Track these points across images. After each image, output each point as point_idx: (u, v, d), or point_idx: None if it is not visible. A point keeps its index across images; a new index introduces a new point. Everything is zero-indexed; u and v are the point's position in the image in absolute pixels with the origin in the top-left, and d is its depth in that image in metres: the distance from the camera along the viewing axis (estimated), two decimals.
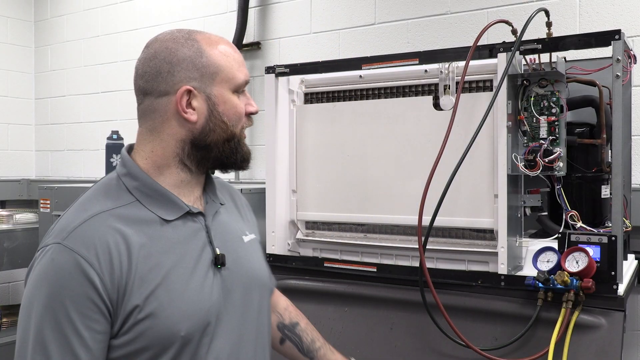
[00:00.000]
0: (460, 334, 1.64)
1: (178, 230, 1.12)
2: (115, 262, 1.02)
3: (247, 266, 1.22)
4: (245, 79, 1.16)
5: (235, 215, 1.31)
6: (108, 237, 1.03)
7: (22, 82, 4.41)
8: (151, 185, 1.12)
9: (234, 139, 1.15)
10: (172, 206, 1.13)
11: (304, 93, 2.18)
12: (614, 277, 1.58)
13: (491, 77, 1.84)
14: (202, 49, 1.12)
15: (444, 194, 1.66)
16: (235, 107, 1.15)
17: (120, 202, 1.10)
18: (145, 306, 1.03)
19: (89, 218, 1.05)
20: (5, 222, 3.45)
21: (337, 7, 3.05)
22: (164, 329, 1.03)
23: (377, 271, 1.95)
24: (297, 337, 1.44)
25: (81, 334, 0.98)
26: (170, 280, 1.06)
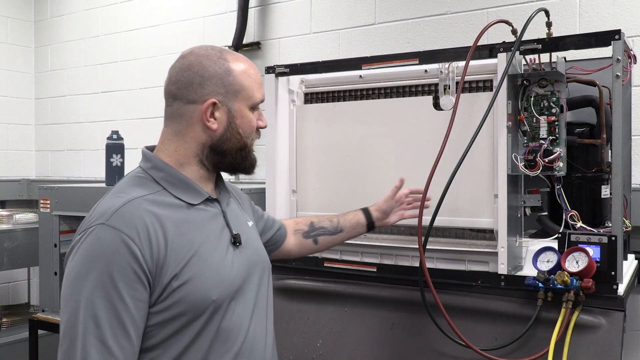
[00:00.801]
0: (460, 334, 1.64)
1: (201, 213, 1.29)
2: (152, 239, 1.17)
3: (254, 246, 1.42)
4: (262, 98, 1.36)
5: (239, 205, 1.50)
6: (145, 217, 1.18)
7: (22, 82, 4.41)
8: (176, 175, 1.29)
9: (245, 149, 1.35)
10: (195, 193, 1.30)
11: (304, 93, 2.18)
12: (614, 277, 1.58)
13: (491, 77, 1.84)
14: (230, 69, 1.30)
15: (444, 194, 1.66)
16: (250, 121, 1.34)
17: (150, 190, 1.25)
18: (181, 275, 1.18)
19: (127, 202, 1.20)
20: (5, 222, 3.45)
21: (337, 7, 3.06)
22: (198, 294, 1.20)
23: (377, 271, 1.95)
24: (321, 228, 1.77)
25: (126, 301, 1.13)
26: (201, 254, 1.23)
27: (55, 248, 2.94)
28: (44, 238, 2.97)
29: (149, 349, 1.18)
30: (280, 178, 2.15)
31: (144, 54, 3.78)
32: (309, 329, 1.96)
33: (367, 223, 1.79)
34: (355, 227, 1.79)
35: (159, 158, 1.30)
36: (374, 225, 1.80)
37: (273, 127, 2.13)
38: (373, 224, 1.80)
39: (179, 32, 3.60)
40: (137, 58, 3.82)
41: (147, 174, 1.29)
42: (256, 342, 1.34)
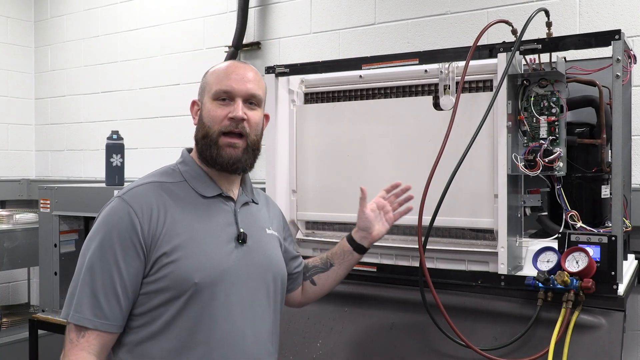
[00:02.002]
0: (460, 334, 1.64)
1: (211, 206, 1.43)
2: (153, 218, 1.34)
3: (266, 251, 1.48)
4: (220, 88, 1.43)
5: (264, 214, 1.58)
6: (152, 199, 1.37)
7: (22, 82, 4.41)
8: (197, 170, 1.46)
9: (209, 137, 1.42)
10: (209, 186, 1.45)
11: (304, 93, 2.18)
12: (614, 277, 1.58)
13: (491, 77, 1.84)
14: (207, 73, 1.49)
15: (444, 194, 1.66)
16: (209, 111, 1.43)
17: (172, 180, 1.44)
18: (171, 253, 1.32)
19: (144, 184, 1.41)
20: (5, 222, 3.45)
21: (337, 7, 3.06)
22: (182, 273, 1.32)
23: (377, 271, 1.95)
24: (314, 267, 1.73)
25: (119, 265, 1.31)
26: (196, 239, 1.36)
27: (55, 248, 2.94)
28: (44, 238, 2.98)
29: (137, 316, 1.34)
30: (280, 178, 2.15)
31: (144, 54, 3.78)
32: (309, 329, 1.96)
33: (354, 247, 1.69)
34: (343, 256, 1.70)
35: (190, 155, 1.49)
36: (361, 246, 1.69)
37: (273, 127, 2.13)
38: (361, 246, 1.69)
39: (179, 32, 3.60)
40: (137, 58, 3.82)
41: (176, 167, 1.48)
42: (241, 342, 1.38)
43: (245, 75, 1.46)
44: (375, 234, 1.68)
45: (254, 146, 1.47)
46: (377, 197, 1.72)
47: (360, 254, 1.70)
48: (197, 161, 1.48)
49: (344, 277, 1.73)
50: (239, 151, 1.43)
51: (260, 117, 1.49)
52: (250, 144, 1.45)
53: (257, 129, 1.47)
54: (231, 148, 1.42)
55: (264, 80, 1.54)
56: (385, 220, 1.70)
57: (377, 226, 1.69)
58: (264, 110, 1.53)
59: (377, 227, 1.68)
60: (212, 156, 1.42)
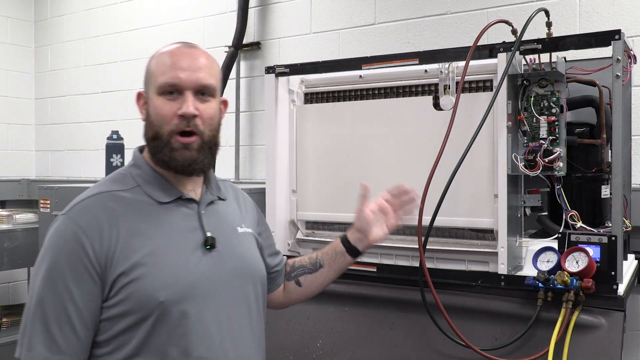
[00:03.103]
0: (460, 334, 1.63)
1: (171, 212, 1.27)
2: (104, 234, 1.18)
3: (239, 254, 1.34)
4: (166, 81, 1.25)
5: (234, 210, 1.43)
6: (101, 213, 1.21)
7: (22, 82, 4.41)
8: (150, 173, 1.30)
9: (159, 139, 1.26)
10: (165, 191, 1.29)
11: (304, 93, 2.18)
12: (614, 277, 1.58)
13: (491, 77, 1.84)
14: (151, 58, 1.31)
15: (444, 194, 1.66)
16: (156, 108, 1.26)
17: (124, 187, 1.28)
18: (130, 272, 1.17)
19: (91, 196, 1.25)
20: (5, 222, 3.45)
21: (337, 7, 3.05)
22: (144, 293, 1.17)
23: (377, 271, 1.95)
24: (301, 267, 1.57)
25: (72, 292, 1.16)
26: (156, 253, 1.20)
27: None
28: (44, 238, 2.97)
29: (102, 344, 1.20)
30: (280, 178, 2.15)
31: (144, 54, 3.78)
32: (309, 329, 1.96)
33: (347, 249, 1.53)
34: (335, 258, 1.54)
35: (142, 156, 1.33)
36: (356, 249, 1.53)
37: (273, 127, 2.13)
38: (355, 248, 1.53)
39: (179, 32, 3.60)
40: (137, 58, 3.82)
41: (128, 171, 1.32)
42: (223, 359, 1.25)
43: (193, 63, 1.27)
44: (372, 237, 1.52)
45: (211, 143, 1.29)
46: (379, 198, 1.54)
47: (353, 257, 1.54)
48: (150, 162, 1.31)
49: (333, 281, 1.58)
50: (194, 152, 1.26)
51: (215, 109, 1.31)
52: (206, 142, 1.28)
53: (212, 124, 1.29)
54: (185, 150, 1.25)
55: (216, 64, 1.35)
56: (385, 224, 1.53)
57: (376, 229, 1.52)
58: (220, 97, 1.36)
59: (375, 231, 1.51)
60: (164, 160, 1.27)
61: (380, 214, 1.52)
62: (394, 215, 1.53)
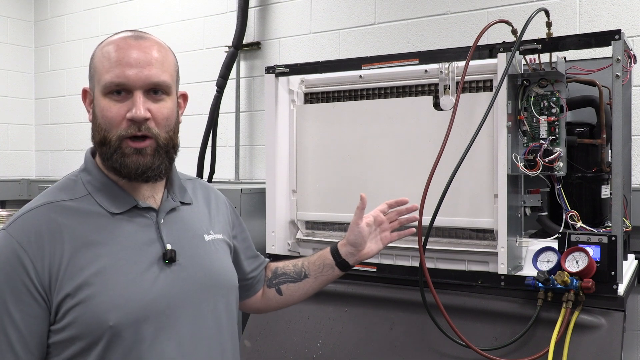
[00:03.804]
0: (460, 334, 1.63)
1: (124, 224, 1.13)
2: (46, 251, 1.06)
3: (205, 265, 1.21)
4: (111, 80, 1.10)
5: (202, 215, 1.29)
6: (43, 227, 1.08)
7: (22, 82, 4.41)
8: (102, 179, 1.16)
9: (107, 145, 1.12)
10: (120, 199, 1.15)
11: (304, 93, 2.18)
12: (614, 277, 1.58)
13: (491, 77, 1.84)
14: (95, 49, 1.16)
15: (444, 194, 1.66)
16: (102, 110, 1.11)
17: (72, 196, 1.14)
18: (76, 294, 1.05)
19: (34, 208, 1.11)
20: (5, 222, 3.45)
21: (337, 7, 3.05)
22: (92, 317, 1.04)
23: (377, 271, 1.95)
24: (284, 275, 1.46)
25: (12, 315, 1.04)
26: (106, 271, 1.07)
27: None
28: None
29: None
30: (280, 178, 2.15)
31: None
32: (309, 329, 1.96)
33: (337, 262, 1.43)
34: (322, 269, 1.43)
35: (93, 160, 1.19)
36: (345, 262, 1.43)
37: (273, 127, 2.13)
38: (345, 262, 1.43)
39: (179, 32, 3.60)
40: None
41: (78, 176, 1.19)
42: None
43: (143, 58, 1.11)
44: (365, 252, 1.43)
45: (167, 146, 1.15)
46: (375, 211, 1.45)
47: (342, 271, 1.44)
48: (102, 167, 1.17)
49: (317, 291, 1.48)
50: (148, 157, 1.12)
51: (170, 108, 1.15)
52: (162, 145, 1.14)
53: (168, 125, 1.15)
54: (138, 155, 1.11)
55: (171, 55, 1.19)
56: (380, 238, 1.46)
57: (369, 244, 1.44)
58: (176, 93, 1.20)
59: (368, 245, 1.43)
60: (114, 167, 1.13)
61: (375, 227, 1.45)
62: (390, 228, 1.47)
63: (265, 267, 1.50)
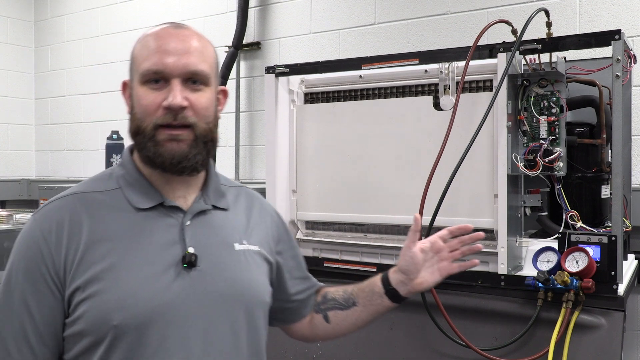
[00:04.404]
0: (460, 334, 1.63)
1: (149, 221, 1.09)
2: (64, 241, 1.04)
3: (229, 274, 1.12)
4: (149, 67, 1.07)
5: (237, 223, 1.21)
6: (66, 217, 1.06)
7: (22, 82, 4.41)
8: (133, 175, 1.13)
9: (142, 134, 1.08)
10: (147, 195, 1.11)
11: (304, 93, 2.18)
12: (614, 277, 1.58)
13: (491, 77, 1.84)
14: (136, 41, 1.14)
15: (444, 194, 1.66)
16: (139, 98, 1.08)
17: (103, 188, 1.12)
18: (86, 288, 1.02)
19: (63, 197, 1.10)
20: (5, 222, 3.45)
21: (337, 7, 3.05)
22: (97, 314, 1.01)
23: (377, 271, 1.94)
24: (332, 300, 1.33)
25: (28, 303, 1.03)
26: (118, 268, 1.04)
27: None
28: None
29: None
30: (280, 178, 2.15)
31: None
32: None
33: (387, 291, 1.26)
34: (371, 297, 1.28)
35: (130, 157, 1.16)
36: (396, 292, 1.26)
37: (273, 127, 2.13)
38: (395, 291, 1.26)
39: None
40: None
41: (114, 171, 1.16)
42: None
43: (181, 46, 1.08)
44: (418, 281, 1.25)
45: (206, 137, 1.10)
46: (434, 236, 1.27)
47: (393, 302, 1.27)
48: (137, 162, 1.14)
49: (368, 324, 1.32)
50: (185, 145, 1.07)
51: (209, 99, 1.11)
52: (200, 135, 1.09)
53: (207, 115, 1.10)
54: (174, 142, 1.07)
55: (211, 47, 1.15)
56: (438, 269, 1.26)
57: (424, 273, 1.25)
58: (216, 86, 1.16)
59: (422, 274, 1.25)
60: (148, 156, 1.08)
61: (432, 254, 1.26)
62: (450, 258, 1.26)
63: (316, 291, 1.38)
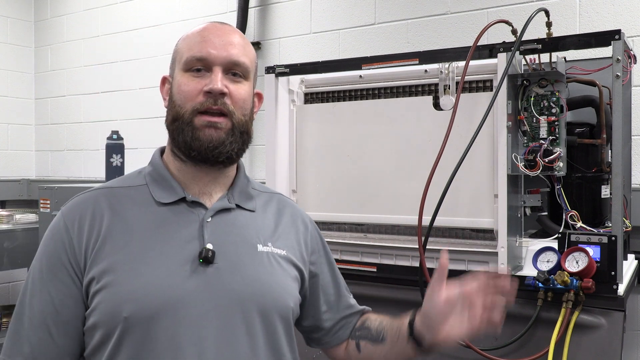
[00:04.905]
0: None
1: (170, 216, 1.10)
2: (85, 233, 1.06)
3: (249, 274, 1.09)
4: (193, 55, 1.10)
5: (264, 225, 1.18)
6: (89, 209, 1.09)
7: (22, 82, 4.41)
8: (159, 171, 1.15)
9: (180, 119, 1.09)
10: (170, 190, 1.12)
11: (304, 93, 2.18)
12: (614, 277, 1.58)
13: (491, 77, 1.84)
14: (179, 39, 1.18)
15: (444, 194, 1.66)
16: (179, 85, 1.11)
17: (130, 183, 1.15)
18: (100, 279, 1.03)
19: (89, 191, 1.14)
20: (5, 222, 3.45)
21: (337, 7, 3.05)
22: (109, 305, 1.02)
23: (377, 271, 1.95)
24: (366, 329, 1.26)
25: (50, 292, 1.05)
26: (135, 260, 1.04)
27: None
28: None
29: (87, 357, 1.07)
30: (280, 178, 2.15)
31: (144, 54, 3.78)
32: None
33: (410, 333, 1.14)
34: (397, 337, 1.18)
35: (159, 154, 1.19)
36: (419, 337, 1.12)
37: (273, 127, 2.13)
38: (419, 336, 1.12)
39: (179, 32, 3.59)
40: (137, 58, 3.82)
41: (142, 169, 1.19)
42: None
43: (226, 39, 1.12)
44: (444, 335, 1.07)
45: (242, 128, 1.11)
46: (467, 285, 1.07)
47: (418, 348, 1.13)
48: (165, 160, 1.17)
49: None
50: (222, 132, 1.08)
51: (247, 92, 1.14)
52: (237, 125, 1.10)
53: (244, 107, 1.12)
54: (211, 128, 1.07)
55: (252, 48, 1.19)
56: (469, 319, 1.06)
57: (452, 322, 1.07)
58: (254, 85, 1.19)
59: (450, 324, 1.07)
60: (185, 141, 1.08)
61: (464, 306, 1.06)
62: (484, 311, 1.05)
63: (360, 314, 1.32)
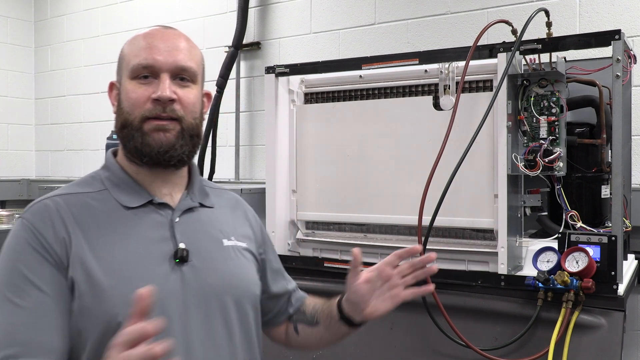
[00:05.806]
0: (460, 334, 1.63)
1: (138, 219, 1.11)
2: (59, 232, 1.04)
3: (221, 268, 1.14)
4: (139, 62, 1.10)
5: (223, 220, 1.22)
6: (56, 215, 1.06)
7: (22, 82, 4.40)
8: (119, 175, 1.15)
9: (129, 126, 1.10)
10: (135, 193, 1.13)
11: (304, 93, 2.18)
12: (614, 277, 1.58)
13: (491, 77, 1.84)
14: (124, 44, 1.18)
15: (444, 194, 1.66)
16: (127, 92, 1.11)
17: (88, 190, 1.13)
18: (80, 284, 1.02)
19: (49, 197, 1.10)
20: (5, 222, 3.44)
21: (337, 7, 3.05)
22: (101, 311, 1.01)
23: None
24: (302, 313, 1.33)
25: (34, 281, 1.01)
26: (113, 265, 1.04)
27: None
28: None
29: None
30: (280, 178, 2.15)
31: None
32: None
33: (341, 316, 1.23)
34: (330, 321, 1.26)
35: (112, 157, 1.19)
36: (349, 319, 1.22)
37: (273, 127, 2.13)
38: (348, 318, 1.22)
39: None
40: None
41: (97, 174, 1.17)
42: None
43: (172, 44, 1.12)
44: (369, 311, 1.19)
45: (193, 131, 1.13)
46: (381, 264, 1.20)
47: (350, 327, 1.23)
48: (121, 164, 1.17)
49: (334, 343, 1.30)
50: (172, 135, 1.09)
51: (196, 96, 1.15)
52: (187, 128, 1.11)
53: (193, 111, 1.13)
54: (160, 132, 1.09)
55: (198, 50, 1.20)
56: (390, 296, 1.19)
57: (375, 302, 1.19)
58: (202, 87, 1.20)
59: (373, 304, 1.19)
60: (136, 147, 1.09)
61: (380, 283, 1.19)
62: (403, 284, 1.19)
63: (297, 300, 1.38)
